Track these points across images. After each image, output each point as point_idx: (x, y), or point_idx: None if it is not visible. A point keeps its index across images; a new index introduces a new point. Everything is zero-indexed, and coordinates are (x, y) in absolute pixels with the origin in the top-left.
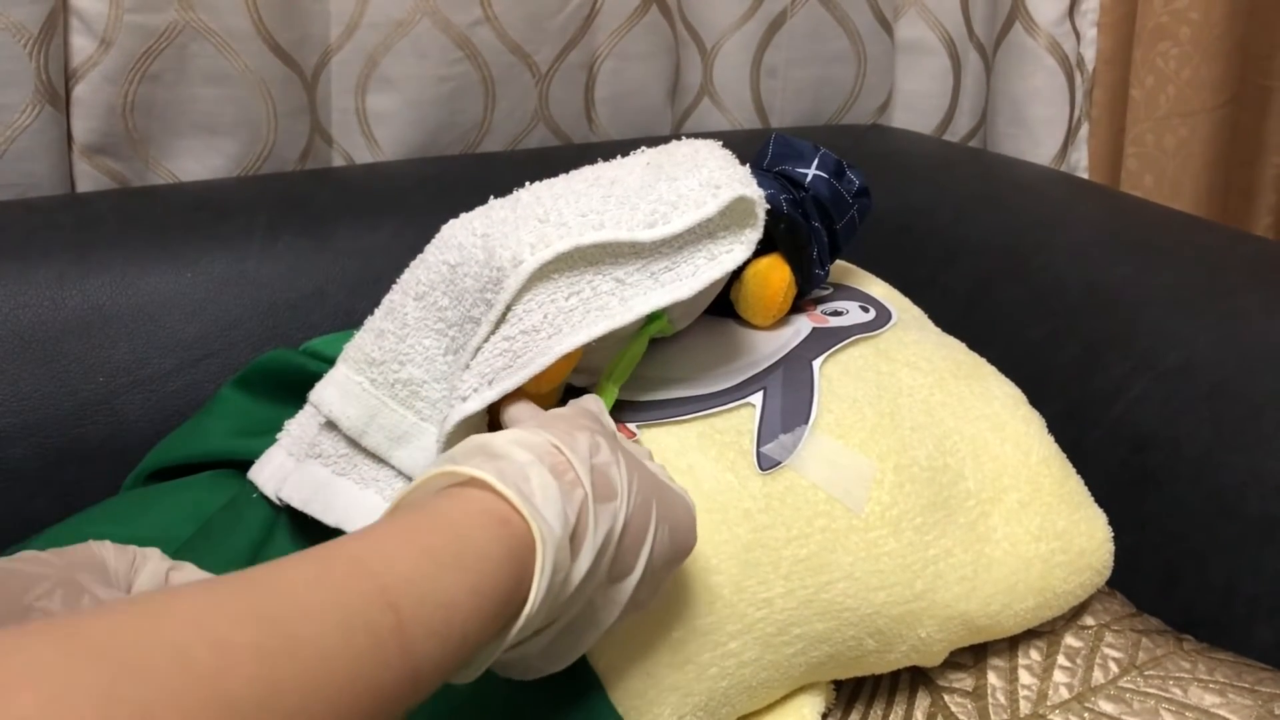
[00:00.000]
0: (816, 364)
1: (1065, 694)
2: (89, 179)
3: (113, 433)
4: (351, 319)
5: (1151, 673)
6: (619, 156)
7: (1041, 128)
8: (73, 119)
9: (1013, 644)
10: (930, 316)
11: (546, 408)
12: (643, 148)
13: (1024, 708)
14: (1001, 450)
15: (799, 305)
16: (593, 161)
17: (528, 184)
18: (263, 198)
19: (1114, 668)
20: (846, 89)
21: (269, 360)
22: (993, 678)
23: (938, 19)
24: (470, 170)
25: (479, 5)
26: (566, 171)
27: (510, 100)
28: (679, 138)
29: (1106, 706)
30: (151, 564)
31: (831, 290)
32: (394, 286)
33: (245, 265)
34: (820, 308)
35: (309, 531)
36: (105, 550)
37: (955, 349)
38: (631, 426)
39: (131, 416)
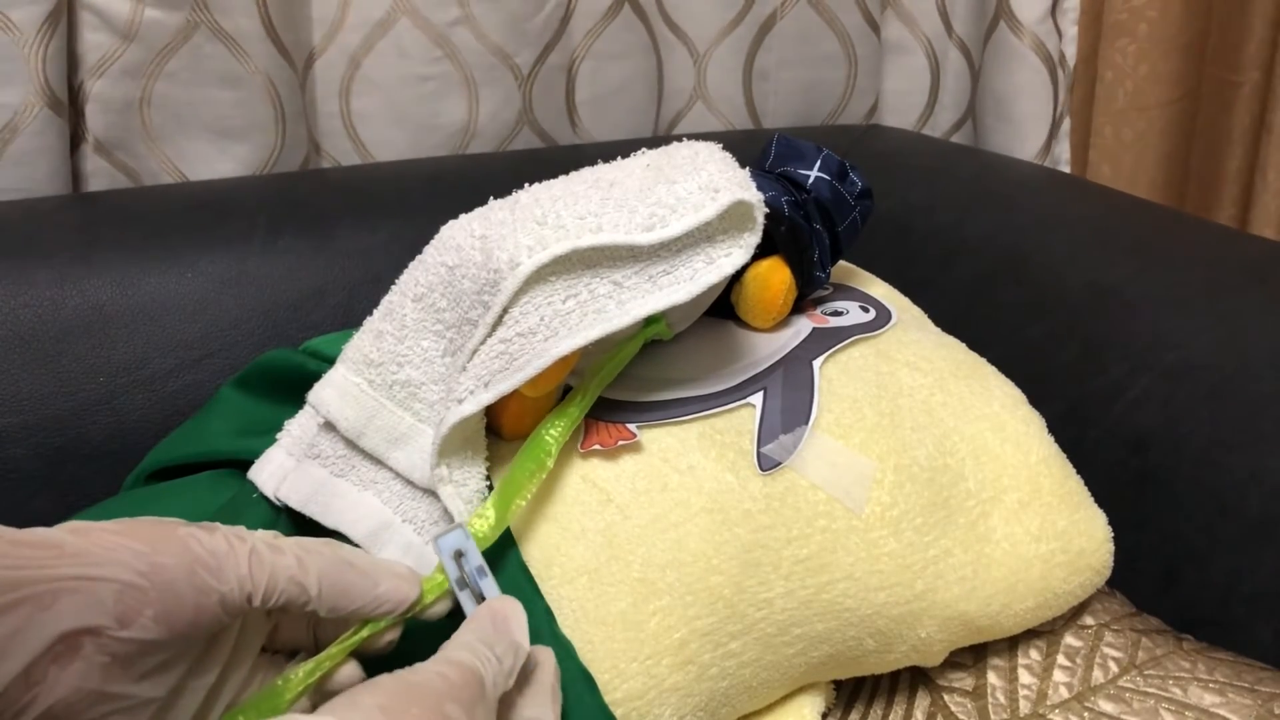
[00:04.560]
0: (816, 364)
1: (1065, 693)
2: (103, 174)
3: (113, 433)
4: (351, 319)
5: (1151, 672)
6: (619, 158)
7: (1026, 123)
8: (88, 114)
9: (1012, 644)
10: (930, 316)
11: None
12: (643, 149)
13: (1024, 707)
14: (1001, 450)
15: (799, 305)
16: (591, 162)
17: (527, 185)
18: (263, 198)
19: (1114, 667)
20: (838, 90)
21: (269, 360)
22: (993, 677)
23: (914, 18)
24: (470, 171)
25: (456, 5)
26: (565, 172)
27: (494, 103)
28: (678, 139)
29: (1106, 706)
30: None
31: (831, 290)
32: (393, 288)
33: (245, 265)
34: (820, 308)
35: (309, 532)
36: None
37: (955, 349)
38: (632, 427)
39: (132, 416)
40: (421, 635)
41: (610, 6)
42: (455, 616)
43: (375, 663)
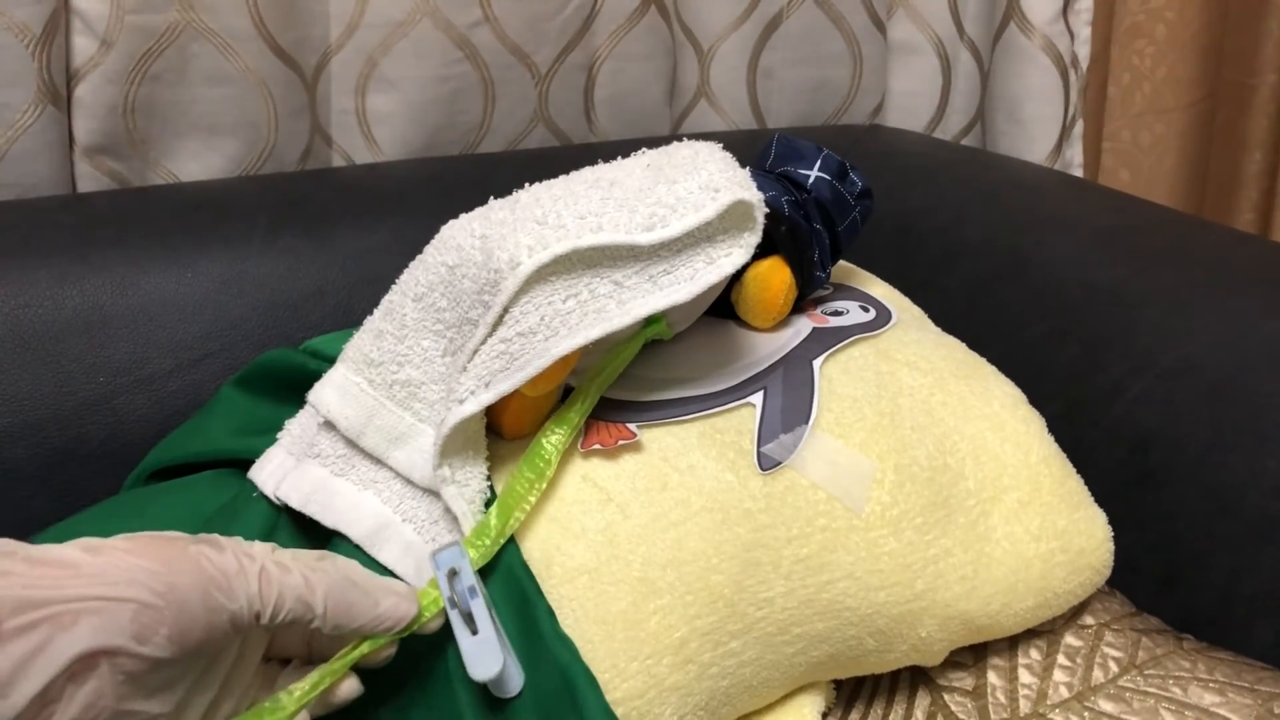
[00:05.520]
0: (817, 364)
1: (1065, 693)
2: (90, 179)
3: (113, 433)
4: (351, 319)
5: (1151, 672)
6: (619, 158)
7: (1037, 125)
8: (74, 119)
9: (1013, 643)
10: (930, 316)
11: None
12: (643, 149)
13: (1024, 707)
14: (1001, 450)
15: (799, 305)
16: (593, 162)
17: (528, 185)
18: (263, 198)
19: (1114, 667)
20: (842, 90)
21: (269, 360)
22: (993, 677)
23: (925, 20)
24: (470, 171)
25: (479, 6)
26: (567, 172)
27: (510, 101)
28: (679, 139)
29: (1106, 705)
30: None
31: (832, 290)
32: (393, 287)
33: (245, 265)
34: (820, 308)
35: (309, 531)
36: None
37: (955, 349)
38: (632, 426)
39: (131, 416)
40: (417, 644)
41: (637, 7)
42: (452, 626)
43: (372, 673)
